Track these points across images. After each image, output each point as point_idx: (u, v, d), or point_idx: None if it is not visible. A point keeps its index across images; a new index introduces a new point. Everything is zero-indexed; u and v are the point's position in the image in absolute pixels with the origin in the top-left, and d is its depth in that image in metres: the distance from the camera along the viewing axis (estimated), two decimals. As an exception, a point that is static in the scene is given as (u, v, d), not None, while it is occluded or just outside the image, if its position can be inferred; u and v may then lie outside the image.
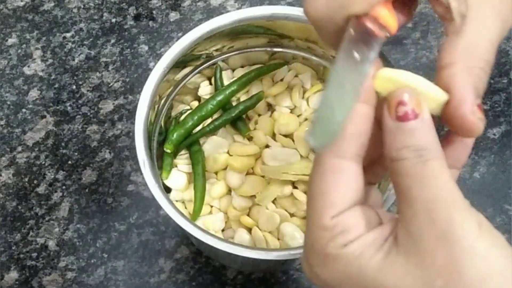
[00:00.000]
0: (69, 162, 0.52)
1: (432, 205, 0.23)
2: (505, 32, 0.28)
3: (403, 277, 0.23)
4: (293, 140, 0.44)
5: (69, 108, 0.54)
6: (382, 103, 0.25)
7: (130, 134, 0.52)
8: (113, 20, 0.57)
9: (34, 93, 0.54)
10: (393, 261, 0.23)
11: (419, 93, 0.25)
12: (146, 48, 0.56)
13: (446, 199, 0.23)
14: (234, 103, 0.46)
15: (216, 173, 0.44)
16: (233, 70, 0.47)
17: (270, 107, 0.46)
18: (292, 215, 0.43)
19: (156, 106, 0.42)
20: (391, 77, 0.25)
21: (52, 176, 0.51)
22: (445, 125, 0.26)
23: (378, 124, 0.26)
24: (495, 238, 0.23)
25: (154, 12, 0.57)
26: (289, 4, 0.58)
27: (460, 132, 0.25)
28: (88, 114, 0.53)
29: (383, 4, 0.26)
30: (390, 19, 0.26)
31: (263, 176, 0.43)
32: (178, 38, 0.41)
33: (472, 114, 0.25)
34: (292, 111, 0.46)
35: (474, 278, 0.22)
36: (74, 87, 0.54)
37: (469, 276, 0.22)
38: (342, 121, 0.25)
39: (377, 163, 0.28)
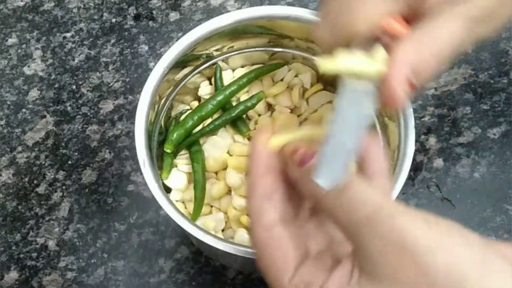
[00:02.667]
0: (69, 162, 0.52)
1: (372, 221, 0.23)
2: (470, 39, 0.28)
3: None
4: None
5: (69, 108, 0.54)
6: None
7: (130, 134, 0.52)
8: (113, 20, 0.57)
9: (34, 93, 0.54)
10: None
11: (358, 72, 0.26)
12: (146, 48, 0.56)
13: (382, 211, 0.23)
14: (234, 103, 0.46)
15: (216, 173, 0.44)
16: (233, 70, 0.47)
17: (270, 107, 0.46)
18: (292, 215, 0.43)
19: (156, 106, 0.42)
20: (282, 141, 0.27)
21: (52, 176, 0.51)
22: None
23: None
24: (447, 229, 0.23)
25: (154, 12, 0.57)
26: (289, 4, 0.58)
27: (385, 100, 0.26)
28: (88, 114, 0.53)
29: (390, 17, 0.28)
30: (398, 27, 0.29)
31: (263, 176, 0.43)
32: (178, 38, 0.41)
33: (398, 84, 0.26)
34: (292, 111, 0.46)
35: (439, 272, 0.22)
36: (74, 87, 0.54)
37: (434, 273, 0.22)
38: (352, 151, 0.25)
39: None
